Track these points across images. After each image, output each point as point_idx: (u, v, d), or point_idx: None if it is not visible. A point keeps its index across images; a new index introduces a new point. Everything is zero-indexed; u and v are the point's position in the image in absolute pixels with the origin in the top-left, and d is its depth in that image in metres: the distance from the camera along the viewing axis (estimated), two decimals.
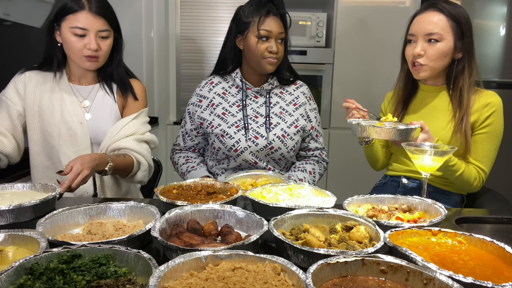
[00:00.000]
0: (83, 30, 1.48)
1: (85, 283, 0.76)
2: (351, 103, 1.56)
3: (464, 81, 1.56)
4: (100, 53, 1.53)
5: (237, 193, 1.27)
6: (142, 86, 1.73)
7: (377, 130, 1.39)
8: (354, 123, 1.44)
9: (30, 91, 1.56)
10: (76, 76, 1.63)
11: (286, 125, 1.73)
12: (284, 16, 1.70)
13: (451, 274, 0.78)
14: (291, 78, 1.84)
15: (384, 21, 2.98)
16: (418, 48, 1.56)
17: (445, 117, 1.60)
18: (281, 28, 1.67)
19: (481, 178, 1.58)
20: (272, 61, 1.67)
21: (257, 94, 1.76)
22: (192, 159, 1.81)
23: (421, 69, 1.58)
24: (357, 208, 1.25)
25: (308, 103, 1.82)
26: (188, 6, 3.10)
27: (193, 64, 3.19)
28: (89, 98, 1.62)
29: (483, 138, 1.57)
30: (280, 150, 1.71)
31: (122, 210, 1.16)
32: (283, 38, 1.69)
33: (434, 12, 1.55)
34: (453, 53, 1.56)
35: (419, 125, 1.41)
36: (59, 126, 1.55)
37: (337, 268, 0.81)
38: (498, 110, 1.56)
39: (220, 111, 1.73)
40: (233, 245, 0.89)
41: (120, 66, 1.66)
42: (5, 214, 1.11)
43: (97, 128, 1.60)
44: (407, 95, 1.72)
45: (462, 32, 1.54)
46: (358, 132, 1.43)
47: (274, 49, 1.65)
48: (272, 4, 1.68)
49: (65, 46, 1.53)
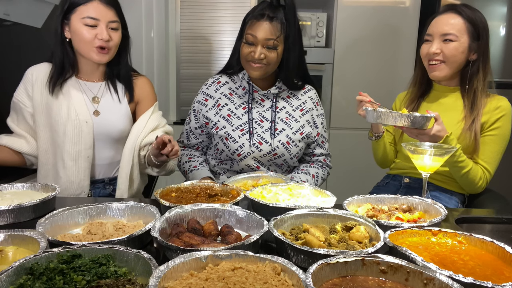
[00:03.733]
0: (94, 20, 1.49)
1: (85, 283, 0.76)
2: (365, 96, 1.56)
3: (479, 82, 1.59)
4: (111, 44, 1.54)
5: (239, 195, 1.26)
6: (148, 81, 1.75)
7: (394, 116, 1.37)
8: (370, 109, 1.42)
9: (38, 90, 1.57)
10: (84, 73, 1.63)
11: (292, 131, 1.70)
12: (285, 23, 1.58)
13: (451, 274, 0.78)
14: (300, 83, 1.77)
15: (384, 21, 2.98)
16: (433, 47, 1.59)
17: (456, 116, 1.63)
18: (271, 35, 1.56)
19: (486, 179, 1.60)
20: (254, 65, 1.60)
21: (264, 98, 1.72)
22: (195, 157, 1.79)
23: (438, 67, 1.61)
24: (357, 208, 1.25)
25: (315, 108, 1.78)
26: (188, 6, 3.10)
27: (193, 64, 3.19)
28: (98, 95, 1.63)
29: (491, 139, 1.59)
30: (284, 156, 1.69)
31: (122, 210, 1.16)
32: (274, 46, 1.57)
33: (453, 14, 1.59)
34: (467, 54, 1.58)
35: (434, 115, 1.41)
36: (65, 124, 1.55)
37: (337, 268, 0.82)
38: (507, 114, 1.60)
39: (226, 112, 1.71)
40: (233, 245, 0.89)
41: (127, 65, 1.67)
42: (5, 214, 1.11)
43: (104, 125, 1.61)
44: (421, 94, 1.74)
45: (478, 34, 1.57)
46: (373, 119, 1.41)
47: (256, 55, 1.57)
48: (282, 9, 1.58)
49: (75, 39, 1.53)
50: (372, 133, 1.72)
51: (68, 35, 1.54)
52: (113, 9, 1.53)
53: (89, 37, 1.49)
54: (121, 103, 1.65)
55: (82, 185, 1.59)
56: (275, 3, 1.59)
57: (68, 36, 1.54)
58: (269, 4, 1.60)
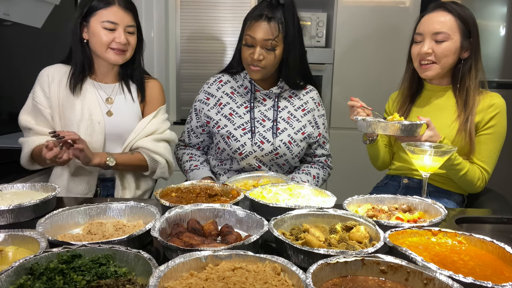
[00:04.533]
0: (113, 24, 1.52)
1: (85, 283, 0.76)
2: (356, 102, 1.56)
3: (471, 80, 1.57)
4: (128, 48, 1.58)
5: (239, 195, 1.26)
6: (159, 84, 1.78)
7: (383, 126, 1.38)
8: (360, 119, 1.43)
9: (55, 90, 1.59)
10: (99, 74, 1.65)
11: (294, 131, 1.70)
12: (284, 22, 1.56)
13: (451, 274, 0.78)
14: (302, 83, 1.77)
15: (384, 21, 2.98)
16: (425, 47, 1.57)
17: (449, 117, 1.61)
18: (270, 35, 1.54)
19: (484, 179, 1.59)
20: (254, 68, 1.60)
21: (266, 97, 1.73)
22: (196, 157, 1.79)
23: (430, 68, 1.59)
24: (357, 208, 1.25)
25: (317, 109, 1.78)
26: (188, 6, 3.10)
27: (193, 64, 3.18)
28: (111, 96, 1.66)
29: (487, 138, 1.57)
30: (285, 156, 1.69)
31: (122, 210, 1.16)
32: (272, 47, 1.56)
33: (443, 12, 1.56)
34: (459, 52, 1.57)
35: (425, 121, 1.41)
36: (79, 124, 1.57)
37: (337, 268, 0.81)
38: (502, 111, 1.57)
39: (227, 111, 1.71)
40: (233, 245, 0.89)
41: (140, 66, 1.70)
42: (5, 214, 1.11)
43: (115, 126, 1.63)
44: (413, 94, 1.73)
45: (469, 32, 1.55)
46: (364, 128, 1.42)
47: (254, 56, 1.56)
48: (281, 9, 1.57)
49: (92, 40, 1.55)
50: (366, 137, 1.71)
51: (86, 37, 1.57)
52: (131, 13, 1.58)
53: (107, 40, 1.53)
54: (134, 102, 1.68)
55: (91, 184, 1.62)
56: (274, 2, 1.58)
57: (85, 37, 1.57)
58: (268, 3, 1.59)
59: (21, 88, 1.63)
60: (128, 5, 1.57)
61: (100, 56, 1.59)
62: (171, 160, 1.72)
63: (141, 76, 1.71)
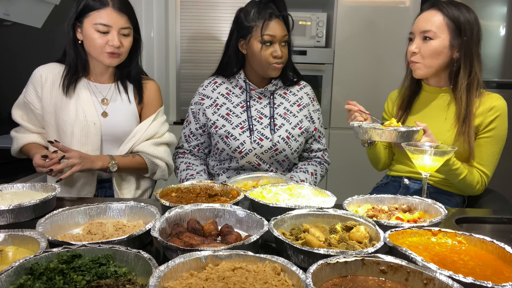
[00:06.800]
0: (106, 27, 1.50)
1: (85, 283, 0.76)
2: (353, 105, 1.55)
3: (463, 81, 1.54)
4: (122, 50, 1.55)
5: (239, 195, 1.26)
6: (157, 86, 1.76)
7: (379, 132, 1.38)
8: (355, 125, 1.44)
9: (47, 90, 1.57)
10: (94, 74, 1.64)
11: (291, 126, 1.72)
12: (287, 17, 1.67)
13: (451, 274, 0.78)
14: (295, 79, 1.82)
15: (384, 21, 2.98)
16: (413, 46, 1.58)
17: (448, 119, 1.60)
18: (284, 31, 1.64)
19: (483, 182, 1.58)
20: (277, 66, 1.66)
21: (261, 95, 1.75)
22: (193, 166, 1.77)
23: (416, 66, 1.59)
24: (357, 208, 1.25)
25: (311, 104, 1.81)
26: (188, 6, 3.10)
27: (193, 64, 3.19)
28: (107, 97, 1.64)
29: (487, 142, 1.56)
30: (285, 151, 1.70)
31: (122, 210, 1.16)
32: (286, 41, 1.67)
33: (433, 11, 1.56)
34: (449, 52, 1.55)
35: (421, 127, 1.40)
36: (73, 125, 1.56)
37: (337, 268, 0.81)
38: (502, 114, 1.55)
39: (224, 111, 1.72)
40: (233, 245, 0.89)
41: (137, 67, 1.69)
42: (5, 214, 1.11)
43: (111, 127, 1.62)
44: (411, 95, 1.72)
45: (460, 30, 1.52)
46: (360, 135, 1.43)
47: (278, 53, 1.63)
48: (274, 5, 1.65)
49: (86, 43, 1.54)
50: (364, 140, 1.70)
51: (80, 37, 1.55)
52: (126, 15, 1.54)
53: (100, 43, 1.51)
54: (130, 103, 1.66)
55: (89, 185, 1.61)
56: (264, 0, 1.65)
57: (80, 38, 1.55)
58: (260, 2, 1.65)
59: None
60: (122, 6, 1.53)
61: (94, 58, 1.57)
62: (171, 163, 1.72)
63: (139, 76, 1.69)
